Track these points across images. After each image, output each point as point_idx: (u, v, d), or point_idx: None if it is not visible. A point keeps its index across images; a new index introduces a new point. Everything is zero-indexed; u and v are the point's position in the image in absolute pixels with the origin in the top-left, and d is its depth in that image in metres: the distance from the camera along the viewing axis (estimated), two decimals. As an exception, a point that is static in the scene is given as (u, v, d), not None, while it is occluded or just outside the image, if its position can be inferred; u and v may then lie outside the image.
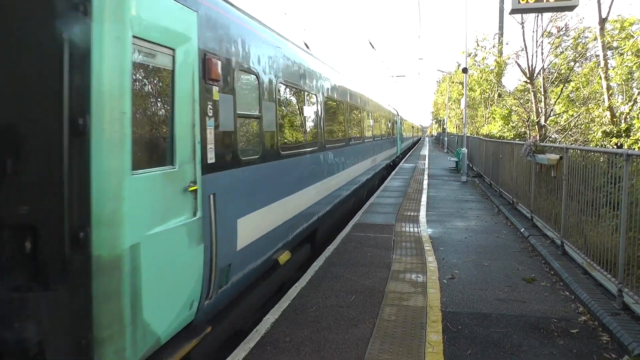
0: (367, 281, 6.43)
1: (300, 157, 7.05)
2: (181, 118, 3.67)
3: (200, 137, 3.91)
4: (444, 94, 55.62)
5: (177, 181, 3.63)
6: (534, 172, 9.89)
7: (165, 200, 3.46)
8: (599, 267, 6.00)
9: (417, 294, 5.96)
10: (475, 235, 9.40)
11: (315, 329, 4.90)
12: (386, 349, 4.46)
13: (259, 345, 4.53)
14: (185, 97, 3.75)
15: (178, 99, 3.65)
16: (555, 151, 8.65)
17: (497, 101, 26.77)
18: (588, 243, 6.51)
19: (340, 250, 8.03)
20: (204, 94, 4.01)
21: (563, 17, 17.73)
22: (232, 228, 4.53)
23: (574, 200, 7.27)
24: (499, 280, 6.56)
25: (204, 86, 4.03)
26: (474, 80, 27.67)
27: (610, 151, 6.92)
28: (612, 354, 4.43)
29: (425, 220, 10.75)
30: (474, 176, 20.38)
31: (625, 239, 5.29)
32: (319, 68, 8.56)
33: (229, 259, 4.43)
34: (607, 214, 6.08)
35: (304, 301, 5.69)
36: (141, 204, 3.19)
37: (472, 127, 32.92)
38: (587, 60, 18.70)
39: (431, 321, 5.12)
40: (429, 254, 7.82)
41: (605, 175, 6.23)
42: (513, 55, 21.21)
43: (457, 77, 37.42)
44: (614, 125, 13.22)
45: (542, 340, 4.72)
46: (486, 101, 29.70)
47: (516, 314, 5.38)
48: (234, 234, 4.57)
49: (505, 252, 8.08)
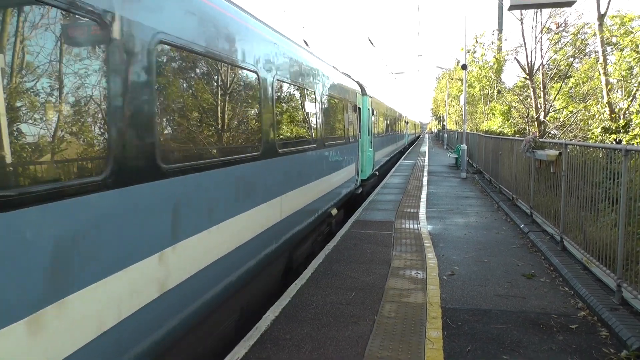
0: (367, 278, 6.45)
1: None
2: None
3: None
4: (443, 91, 55.55)
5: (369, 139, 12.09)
6: (534, 168, 9.90)
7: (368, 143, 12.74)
8: (598, 263, 6.01)
9: (417, 291, 5.97)
10: (474, 231, 9.42)
11: (315, 326, 4.91)
12: (386, 346, 4.47)
13: (259, 343, 4.55)
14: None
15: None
16: (555, 147, 8.66)
17: (496, 97, 26.74)
18: (587, 239, 6.53)
19: (340, 247, 8.05)
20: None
21: (562, 13, 17.72)
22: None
23: (573, 196, 7.29)
24: (498, 277, 6.57)
25: (372, 116, 13.84)
26: (473, 77, 27.65)
27: (609, 147, 6.93)
28: (611, 349, 4.45)
29: (425, 217, 10.77)
30: (474, 173, 20.39)
31: (624, 234, 5.30)
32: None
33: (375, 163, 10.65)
34: (606, 210, 6.09)
35: (304, 298, 5.70)
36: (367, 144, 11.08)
37: (472, 123, 32.88)
38: (587, 56, 18.69)
39: (431, 318, 5.14)
40: (429, 251, 7.84)
41: (604, 171, 6.23)
42: (512, 51, 21.19)
43: (456, 74, 37.39)
44: (613, 121, 13.22)
45: (541, 335, 4.73)
46: (485, 97, 29.67)
47: (516, 310, 5.39)
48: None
49: (504, 248, 8.10)
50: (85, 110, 2.75)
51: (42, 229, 2.39)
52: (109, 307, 2.86)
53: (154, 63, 3.32)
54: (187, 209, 3.76)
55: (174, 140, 3.78)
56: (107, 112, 2.89)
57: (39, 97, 2.48)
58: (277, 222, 5.92)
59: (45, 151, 2.50)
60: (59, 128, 2.59)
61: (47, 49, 2.50)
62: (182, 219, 3.69)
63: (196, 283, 3.91)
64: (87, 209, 2.69)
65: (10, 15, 2.33)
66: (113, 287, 2.87)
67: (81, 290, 2.62)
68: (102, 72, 2.85)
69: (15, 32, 2.34)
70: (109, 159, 2.88)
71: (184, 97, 3.99)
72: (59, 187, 2.50)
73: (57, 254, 2.47)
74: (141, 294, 3.16)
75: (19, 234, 2.27)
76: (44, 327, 2.38)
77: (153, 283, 3.29)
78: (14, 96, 2.33)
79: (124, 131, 3.00)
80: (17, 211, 2.25)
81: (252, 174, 5.11)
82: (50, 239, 2.43)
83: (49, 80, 2.53)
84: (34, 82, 2.45)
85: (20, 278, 2.27)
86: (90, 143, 2.83)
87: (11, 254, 2.23)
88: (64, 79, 2.61)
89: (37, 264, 2.36)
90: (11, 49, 2.31)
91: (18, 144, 2.34)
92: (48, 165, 2.52)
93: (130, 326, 3.04)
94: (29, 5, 2.40)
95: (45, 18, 2.47)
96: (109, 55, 2.88)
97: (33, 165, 2.44)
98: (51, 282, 2.44)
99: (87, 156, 2.80)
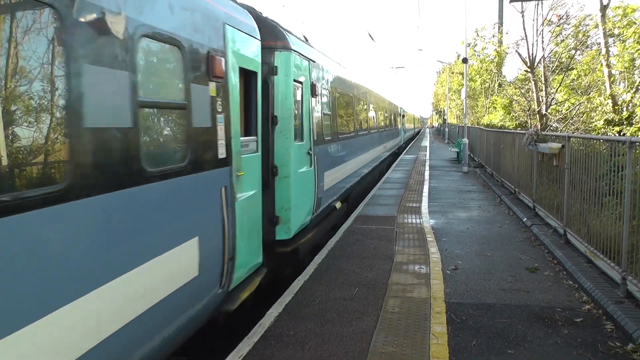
0: (370, 273, 6.42)
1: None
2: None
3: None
4: (444, 85, 55.41)
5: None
6: (536, 161, 9.86)
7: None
8: (603, 256, 5.98)
9: (420, 286, 5.95)
10: (477, 225, 9.39)
11: (319, 322, 4.89)
12: (390, 341, 4.45)
13: (263, 339, 4.53)
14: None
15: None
16: (557, 140, 8.61)
17: (497, 91, 26.64)
18: (591, 232, 6.49)
19: (343, 243, 8.02)
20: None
21: (563, 5, 17.62)
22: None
23: (576, 189, 7.25)
24: (502, 271, 6.55)
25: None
26: (474, 71, 27.55)
27: (613, 139, 6.89)
28: (617, 342, 4.42)
29: (427, 212, 10.74)
30: (475, 166, 20.34)
31: (629, 227, 5.27)
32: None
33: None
34: (610, 202, 6.05)
35: (308, 294, 5.68)
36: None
37: (473, 117, 32.79)
38: (589, 48, 18.58)
39: (435, 312, 5.11)
40: (432, 245, 7.81)
41: (608, 164, 6.19)
42: (513, 44, 21.08)
43: (457, 68, 37.26)
44: (616, 114, 13.15)
45: (546, 329, 4.71)
46: (487, 91, 29.57)
47: (520, 304, 5.37)
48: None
49: (508, 242, 8.07)
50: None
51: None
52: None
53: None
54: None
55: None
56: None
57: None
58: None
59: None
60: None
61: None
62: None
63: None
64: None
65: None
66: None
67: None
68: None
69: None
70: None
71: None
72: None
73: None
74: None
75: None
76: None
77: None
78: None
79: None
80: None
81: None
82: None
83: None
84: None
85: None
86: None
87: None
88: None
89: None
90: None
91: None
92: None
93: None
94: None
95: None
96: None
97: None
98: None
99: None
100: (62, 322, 2.58)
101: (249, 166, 5.30)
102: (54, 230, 2.57)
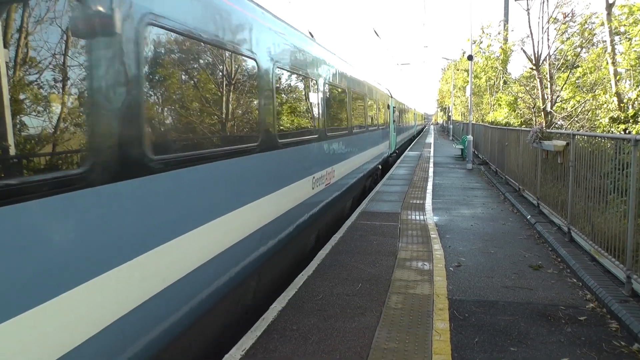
0: (373, 269, 6.42)
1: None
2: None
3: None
4: (449, 82, 55.24)
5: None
6: (540, 158, 9.82)
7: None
8: (607, 254, 5.96)
9: (423, 282, 5.94)
10: (481, 222, 9.37)
11: (321, 318, 4.90)
12: (393, 337, 4.45)
13: (266, 333, 4.54)
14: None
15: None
16: (562, 137, 8.57)
17: (502, 88, 26.54)
18: (595, 230, 6.47)
19: (347, 239, 8.02)
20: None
21: (569, 3, 17.51)
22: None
23: (580, 187, 7.21)
24: (505, 268, 6.53)
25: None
26: (479, 68, 27.45)
27: (618, 137, 6.83)
28: (622, 341, 4.40)
29: (431, 208, 10.72)
30: (480, 164, 20.29)
31: (634, 225, 5.24)
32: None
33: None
34: (615, 200, 6.02)
35: (311, 289, 5.69)
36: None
37: (478, 114, 32.69)
38: (594, 46, 18.48)
39: (438, 309, 5.11)
40: (435, 242, 7.80)
41: (613, 161, 6.16)
42: (519, 41, 20.99)
43: (462, 65, 37.13)
44: (622, 111, 13.07)
45: (549, 327, 4.70)
46: (492, 88, 29.46)
47: (523, 302, 5.36)
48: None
49: (511, 240, 8.05)
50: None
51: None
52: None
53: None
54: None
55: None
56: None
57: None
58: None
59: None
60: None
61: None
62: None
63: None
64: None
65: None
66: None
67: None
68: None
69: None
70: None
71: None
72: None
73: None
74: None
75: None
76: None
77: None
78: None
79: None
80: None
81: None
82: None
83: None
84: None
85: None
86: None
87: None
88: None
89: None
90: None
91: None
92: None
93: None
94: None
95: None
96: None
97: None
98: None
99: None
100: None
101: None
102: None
